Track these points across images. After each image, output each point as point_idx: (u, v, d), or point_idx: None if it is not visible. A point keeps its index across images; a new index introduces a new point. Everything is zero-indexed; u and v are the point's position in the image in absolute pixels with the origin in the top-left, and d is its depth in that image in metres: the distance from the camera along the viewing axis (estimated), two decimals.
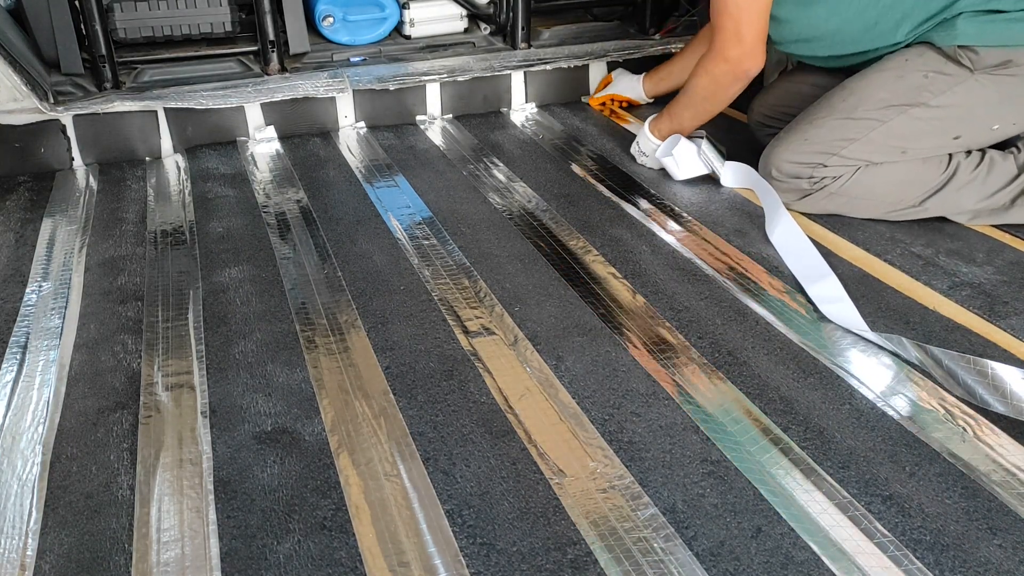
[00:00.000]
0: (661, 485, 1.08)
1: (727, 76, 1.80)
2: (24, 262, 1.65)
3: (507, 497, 1.06)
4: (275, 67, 2.24)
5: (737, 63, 1.76)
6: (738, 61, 1.76)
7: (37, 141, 2.07)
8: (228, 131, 2.26)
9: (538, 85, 2.50)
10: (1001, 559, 0.97)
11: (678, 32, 2.57)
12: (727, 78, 1.80)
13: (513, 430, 1.17)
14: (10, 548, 1.00)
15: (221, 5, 2.18)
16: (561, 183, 1.99)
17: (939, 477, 1.09)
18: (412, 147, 2.23)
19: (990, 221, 1.71)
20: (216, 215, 1.84)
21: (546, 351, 1.35)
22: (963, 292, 1.49)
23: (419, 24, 2.45)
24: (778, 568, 0.96)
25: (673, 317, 1.44)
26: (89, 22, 2.03)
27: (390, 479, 1.09)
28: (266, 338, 1.39)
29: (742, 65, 1.76)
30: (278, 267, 1.62)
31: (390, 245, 1.70)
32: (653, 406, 1.22)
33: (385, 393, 1.25)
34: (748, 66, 1.77)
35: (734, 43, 1.74)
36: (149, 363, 1.33)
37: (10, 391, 1.27)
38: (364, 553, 0.98)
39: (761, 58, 1.76)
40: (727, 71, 1.79)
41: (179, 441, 1.16)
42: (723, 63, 1.78)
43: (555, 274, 1.59)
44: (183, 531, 1.02)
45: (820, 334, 1.38)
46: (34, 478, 1.10)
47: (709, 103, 1.88)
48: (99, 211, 1.87)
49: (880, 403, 1.22)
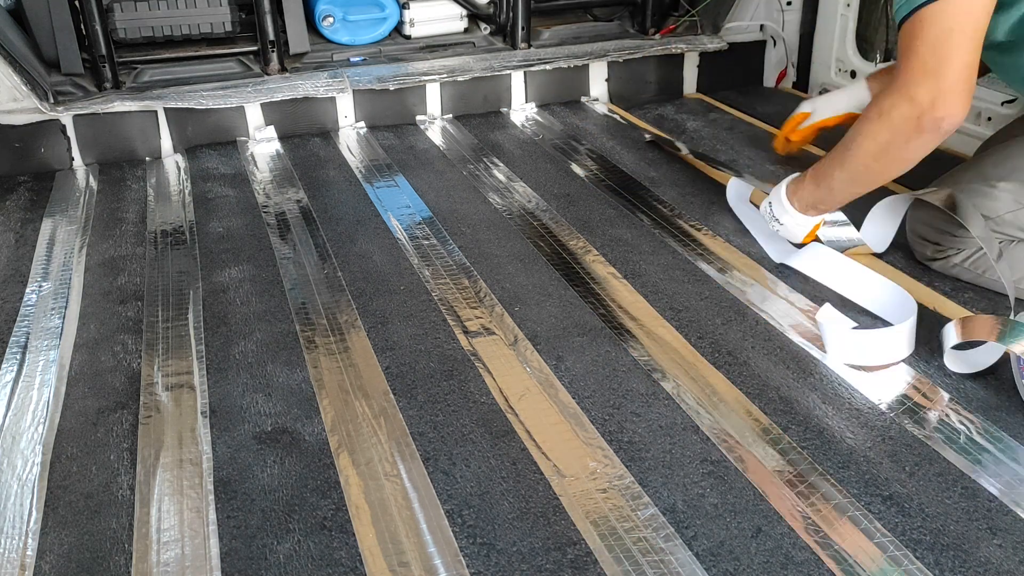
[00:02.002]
0: (661, 485, 1.08)
1: (908, 124, 1.28)
2: (24, 262, 1.65)
3: (507, 497, 1.06)
4: (275, 67, 2.24)
5: (930, 107, 1.26)
6: (931, 104, 1.25)
7: (37, 141, 2.07)
8: (228, 131, 2.26)
9: (538, 85, 2.50)
10: (1001, 559, 0.97)
11: (678, 32, 2.58)
12: (908, 126, 1.29)
13: (513, 430, 1.17)
14: (10, 548, 1.00)
15: (221, 5, 2.18)
16: (561, 183, 1.99)
17: (939, 477, 1.09)
18: (412, 147, 2.23)
19: None
20: (216, 215, 1.84)
21: (546, 351, 1.35)
22: (966, 294, 1.49)
23: (419, 24, 2.45)
24: (778, 568, 0.96)
25: (673, 317, 1.44)
26: (89, 22, 2.04)
27: (390, 479, 1.09)
28: (266, 338, 1.39)
29: (935, 111, 1.25)
30: (278, 267, 1.62)
31: (390, 245, 1.70)
32: (653, 406, 1.22)
33: (385, 393, 1.25)
34: (943, 113, 1.25)
35: (925, 77, 1.26)
36: (149, 363, 1.33)
37: (10, 391, 1.27)
38: (364, 553, 0.98)
39: (963, 104, 1.26)
40: (910, 116, 1.28)
41: (179, 441, 1.16)
42: (906, 104, 1.28)
43: (555, 274, 1.59)
44: (183, 531, 1.02)
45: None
46: (34, 478, 1.10)
47: (878, 164, 1.36)
48: (99, 211, 1.87)
49: (880, 403, 1.22)
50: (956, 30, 1.23)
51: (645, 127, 2.36)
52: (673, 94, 2.64)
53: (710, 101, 2.59)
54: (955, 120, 1.26)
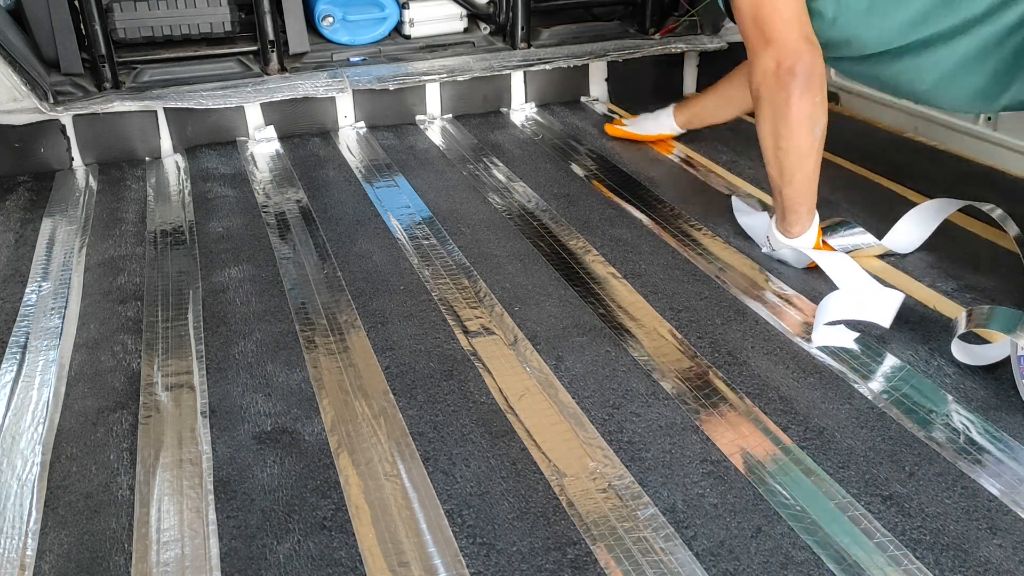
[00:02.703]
0: (661, 485, 1.08)
1: (771, 88, 1.38)
2: (24, 262, 1.65)
3: (507, 497, 1.06)
4: (275, 67, 2.24)
5: (776, 66, 1.36)
6: (777, 64, 1.36)
7: (37, 141, 2.07)
8: (228, 131, 2.26)
9: (538, 85, 2.50)
10: (1001, 559, 0.97)
11: (678, 32, 2.57)
12: (772, 89, 1.38)
13: (513, 430, 1.17)
14: (10, 548, 1.00)
15: (221, 5, 2.18)
16: (561, 183, 1.99)
17: (939, 477, 1.09)
18: (412, 147, 2.23)
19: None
20: (216, 215, 1.84)
21: (546, 351, 1.35)
22: (967, 295, 1.49)
23: (419, 24, 2.45)
24: (778, 568, 0.96)
25: (673, 317, 1.44)
26: (89, 22, 2.03)
27: (390, 479, 1.09)
28: (266, 338, 1.39)
29: (783, 64, 1.35)
30: (278, 267, 1.62)
31: (390, 245, 1.70)
32: (653, 406, 1.22)
33: (385, 393, 1.25)
34: (790, 63, 1.35)
35: (762, 48, 1.38)
36: (149, 363, 1.33)
37: (10, 391, 1.27)
38: (364, 553, 0.98)
39: (802, 48, 1.36)
40: (768, 83, 1.38)
41: (179, 441, 1.16)
42: (760, 74, 1.39)
43: (555, 274, 1.59)
44: (183, 531, 1.02)
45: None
46: (34, 478, 1.10)
47: (785, 140, 1.41)
48: (99, 211, 1.87)
49: (880, 403, 1.22)
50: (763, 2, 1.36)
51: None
52: (673, 94, 2.64)
53: None
54: (805, 62, 1.35)
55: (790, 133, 1.40)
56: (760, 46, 1.38)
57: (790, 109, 1.37)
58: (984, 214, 1.66)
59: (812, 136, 1.40)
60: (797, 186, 1.46)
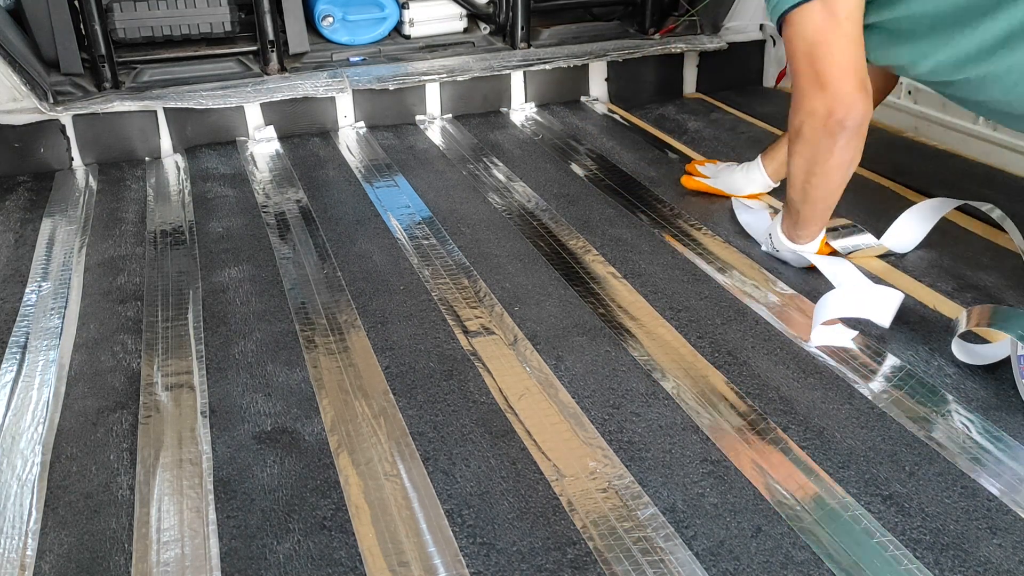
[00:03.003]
0: (661, 485, 1.08)
1: (818, 134, 1.32)
2: (24, 262, 1.65)
3: (507, 497, 1.06)
4: (275, 67, 2.24)
5: (828, 114, 1.29)
6: (828, 112, 1.29)
7: (37, 141, 2.07)
8: (228, 131, 2.26)
9: (538, 85, 2.50)
10: (1001, 559, 0.97)
11: (678, 32, 2.58)
12: (818, 136, 1.32)
13: (513, 430, 1.17)
14: (10, 548, 1.00)
15: (221, 5, 2.19)
16: (561, 183, 1.99)
17: (939, 477, 1.09)
18: (412, 147, 2.23)
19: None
20: (216, 215, 1.84)
21: (546, 351, 1.35)
22: (967, 294, 1.49)
23: (419, 24, 2.45)
24: (778, 568, 0.96)
25: (673, 317, 1.44)
26: (89, 22, 2.04)
27: (390, 479, 1.09)
28: (266, 338, 1.39)
29: (835, 115, 1.29)
30: (278, 267, 1.62)
31: (390, 245, 1.70)
32: (653, 406, 1.22)
33: (385, 393, 1.25)
34: (841, 115, 1.29)
35: (813, 90, 1.30)
36: (149, 363, 1.33)
37: (10, 391, 1.27)
38: (364, 553, 0.98)
39: (857, 99, 1.29)
40: (816, 127, 1.32)
41: (179, 441, 1.16)
42: (808, 118, 1.33)
43: (555, 274, 1.59)
44: (183, 531, 1.02)
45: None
46: (34, 478, 1.10)
47: (818, 178, 1.38)
48: (99, 211, 1.87)
49: (880, 403, 1.22)
50: (820, 42, 1.27)
51: (646, 127, 2.36)
52: (673, 94, 2.64)
53: (710, 101, 2.58)
54: (857, 115, 1.29)
55: (825, 174, 1.38)
56: (812, 88, 1.30)
57: (832, 156, 1.34)
58: (984, 214, 1.66)
59: (846, 176, 1.39)
60: (818, 210, 1.46)
